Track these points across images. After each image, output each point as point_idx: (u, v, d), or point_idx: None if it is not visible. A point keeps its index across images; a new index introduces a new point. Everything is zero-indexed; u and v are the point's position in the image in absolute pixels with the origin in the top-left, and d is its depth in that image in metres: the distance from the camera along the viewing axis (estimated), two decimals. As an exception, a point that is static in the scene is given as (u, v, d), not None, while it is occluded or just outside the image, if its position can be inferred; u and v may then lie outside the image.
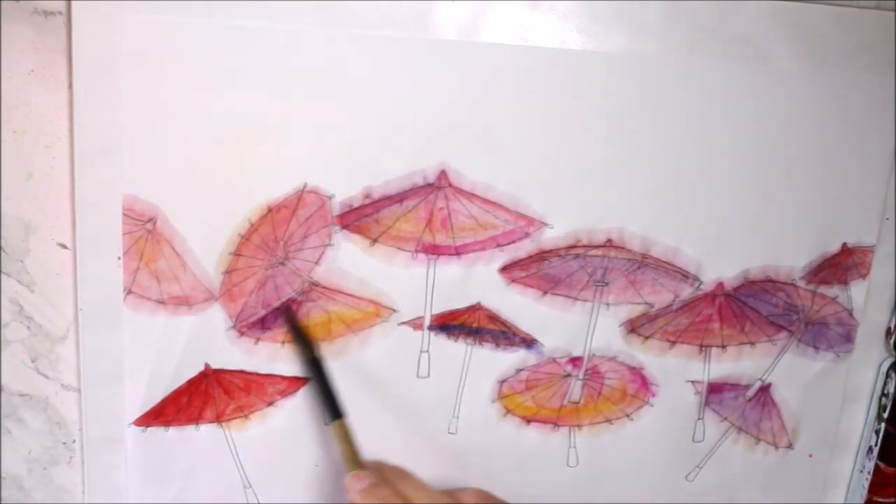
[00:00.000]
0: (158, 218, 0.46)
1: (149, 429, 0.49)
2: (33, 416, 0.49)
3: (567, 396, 0.54)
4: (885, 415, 0.56)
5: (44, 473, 0.50)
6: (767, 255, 0.53)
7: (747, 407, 0.56)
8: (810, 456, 0.58)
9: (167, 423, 0.49)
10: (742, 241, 0.52)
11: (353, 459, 0.46)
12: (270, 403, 0.50)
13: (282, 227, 0.47)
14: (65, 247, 0.46)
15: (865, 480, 0.58)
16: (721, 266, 0.52)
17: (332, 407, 0.47)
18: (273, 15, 0.43)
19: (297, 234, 0.47)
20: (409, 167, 0.47)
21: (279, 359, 0.49)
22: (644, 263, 0.51)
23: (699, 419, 0.55)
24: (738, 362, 0.55)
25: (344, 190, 0.47)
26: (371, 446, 0.52)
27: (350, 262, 0.48)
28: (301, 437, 0.51)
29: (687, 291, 0.53)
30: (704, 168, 0.50)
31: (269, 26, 0.44)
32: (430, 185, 0.48)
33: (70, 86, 0.43)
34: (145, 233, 0.46)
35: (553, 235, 0.50)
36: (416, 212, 0.48)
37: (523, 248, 0.50)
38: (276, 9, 0.43)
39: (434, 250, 0.49)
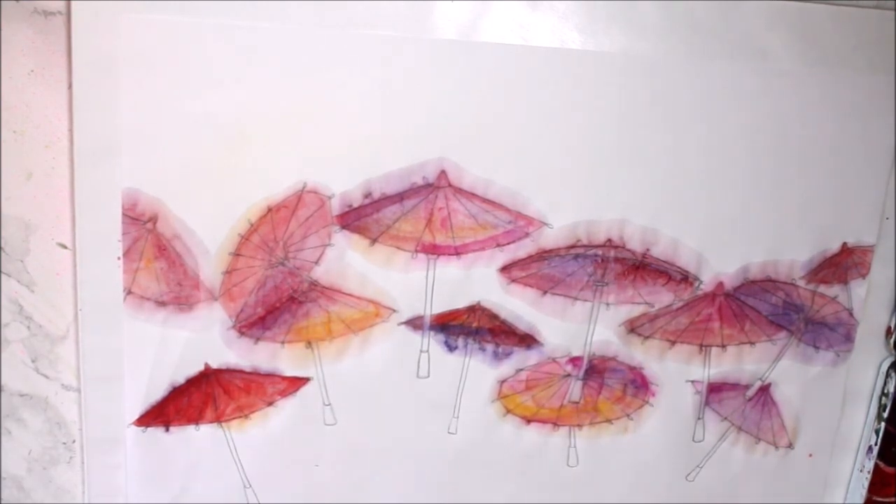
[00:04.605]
0: (158, 218, 0.46)
1: (149, 429, 0.49)
2: (33, 416, 0.49)
3: (567, 396, 0.54)
4: (885, 414, 0.56)
5: (44, 473, 0.50)
6: (767, 255, 0.53)
7: (747, 407, 0.56)
8: (810, 456, 0.58)
9: (167, 423, 0.49)
10: (742, 240, 0.52)
11: None
12: (270, 403, 0.50)
13: (282, 227, 0.47)
14: (65, 247, 0.46)
15: (865, 480, 0.58)
16: (720, 267, 0.52)
17: None
18: (273, 15, 0.43)
19: (297, 234, 0.47)
20: (409, 167, 0.47)
21: (279, 359, 0.49)
22: (644, 263, 0.51)
23: (699, 419, 0.55)
24: (738, 362, 0.55)
25: (344, 190, 0.47)
26: (372, 447, 0.52)
27: (350, 262, 0.48)
28: (301, 437, 0.51)
29: (687, 291, 0.53)
30: (704, 167, 0.50)
31: (268, 26, 0.43)
32: (429, 184, 0.48)
33: (70, 86, 0.43)
34: (145, 233, 0.46)
35: (553, 235, 0.50)
36: (415, 212, 0.48)
37: (523, 248, 0.50)
38: (276, 9, 0.43)
39: (434, 250, 0.49)
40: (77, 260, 0.46)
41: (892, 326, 0.56)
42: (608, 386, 0.54)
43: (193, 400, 0.49)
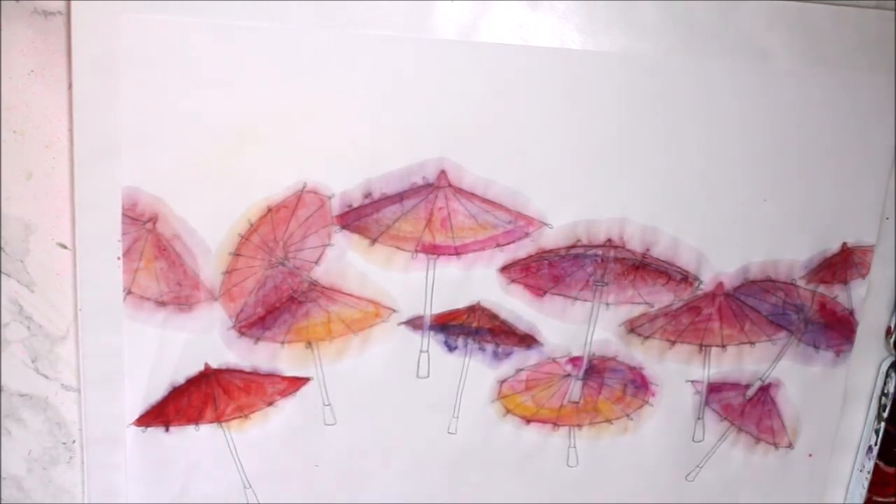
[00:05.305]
0: (158, 218, 0.46)
1: (149, 429, 0.49)
2: (33, 416, 0.49)
3: (567, 396, 0.54)
4: (885, 414, 0.56)
5: (44, 473, 0.50)
6: (767, 255, 0.53)
7: (747, 407, 0.56)
8: (810, 456, 0.58)
9: (167, 423, 0.49)
10: (742, 240, 0.52)
11: None
12: (270, 403, 0.50)
13: (281, 227, 0.47)
14: (65, 247, 0.46)
15: (865, 480, 0.58)
16: (721, 267, 0.52)
17: None
18: (273, 15, 0.43)
19: (297, 234, 0.47)
20: (408, 167, 0.47)
21: (279, 359, 0.49)
22: (644, 263, 0.51)
23: (699, 419, 0.55)
24: (738, 362, 0.55)
25: (344, 190, 0.47)
26: (372, 447, 0.52)
27: (350, 262, 0.48)
28: (301, 437, 0.51)
29: (687, 291, 0.53)
30: (704, 167, 0.50)
31: (268, 26, 0.44)
32: (429, 184, 0.48)
33: (70, 86, 0.43)
34: (145, 233, 0.46)
35: (553, 235, 0.50)
36: (415, 212, 0.48)
37: (523, 248, 0.50)
38: (276, 9, 0.43)
39: (434, 250, 0.49)
40: (77, 260, 0.46)
41: (892, 326, 0.56)
42: (608, 386, 0.54)
43: (193, 400, 0.49)
